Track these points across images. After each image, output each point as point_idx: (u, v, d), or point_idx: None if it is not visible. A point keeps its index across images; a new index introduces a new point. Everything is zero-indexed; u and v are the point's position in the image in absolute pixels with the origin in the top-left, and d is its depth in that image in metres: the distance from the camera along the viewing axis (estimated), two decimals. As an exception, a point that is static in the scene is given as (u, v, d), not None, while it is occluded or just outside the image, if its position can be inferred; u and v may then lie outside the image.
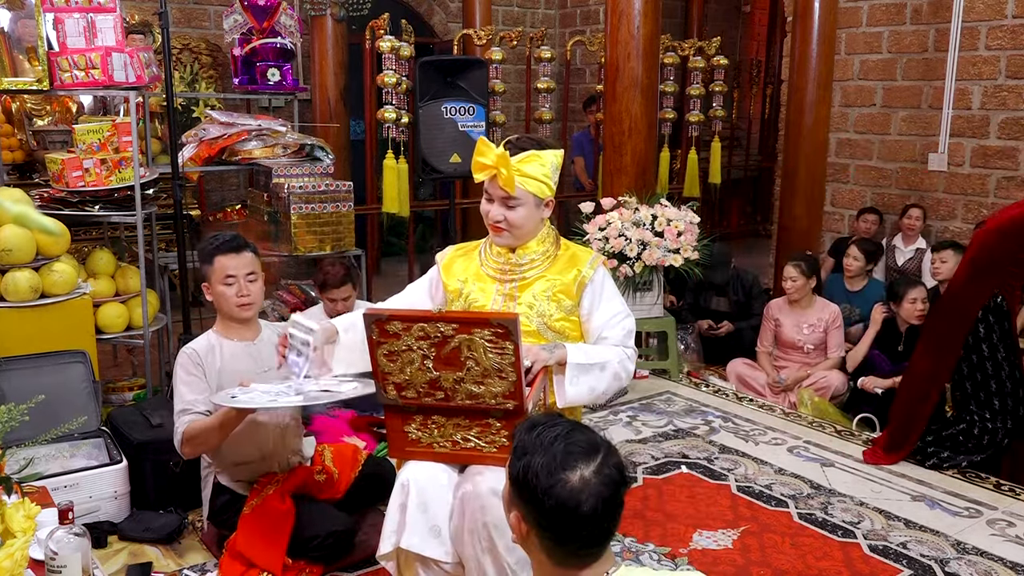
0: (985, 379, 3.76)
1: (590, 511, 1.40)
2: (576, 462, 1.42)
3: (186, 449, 2.77)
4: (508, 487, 1.50)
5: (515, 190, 2.38)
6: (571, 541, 1.44)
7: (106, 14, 3.81)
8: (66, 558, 1.95)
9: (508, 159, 2.37)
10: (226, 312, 2.88)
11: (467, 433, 2.27)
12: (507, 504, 1.52)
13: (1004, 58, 5.61)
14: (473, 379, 2.18)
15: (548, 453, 1.43)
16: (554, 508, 1.41)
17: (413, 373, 2.21)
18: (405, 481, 2.30)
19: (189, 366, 2.81)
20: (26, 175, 5.48)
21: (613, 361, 2.44)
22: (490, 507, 2.19)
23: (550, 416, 1.55)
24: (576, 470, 1.42)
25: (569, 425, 1.50)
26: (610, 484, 1.42)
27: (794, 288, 4.79)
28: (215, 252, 2.85)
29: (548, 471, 1.41)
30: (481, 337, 2.12)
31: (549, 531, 1.44)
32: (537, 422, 1.51)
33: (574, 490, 1.40)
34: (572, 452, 1.44)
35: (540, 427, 1.49)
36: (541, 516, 1.43)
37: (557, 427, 1.48)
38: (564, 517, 1.41)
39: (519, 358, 2.12)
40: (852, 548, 3.15)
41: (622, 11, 4.78)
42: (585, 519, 1.41)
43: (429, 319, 2.16)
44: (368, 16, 5.95)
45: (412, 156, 5.93)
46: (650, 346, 5.26)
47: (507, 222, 2.43)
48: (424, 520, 2.26)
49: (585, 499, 1.40)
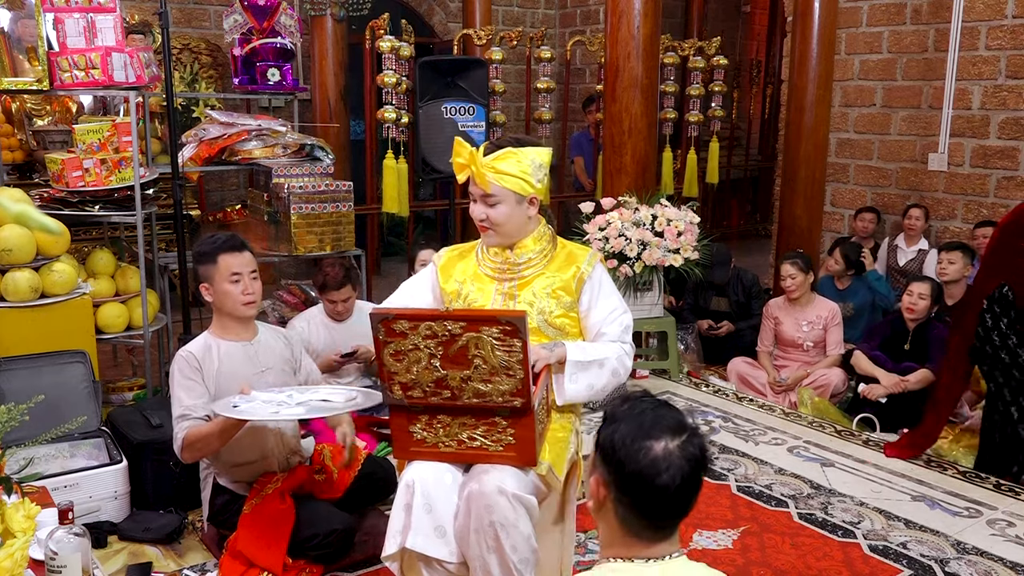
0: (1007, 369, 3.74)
1: (668, 482, 1.43)
2: (662, 433, 1.46)
3: (186, 455, 2.78)
4: (593, 452, 1.53)
5: (490, 187, 2.41)
6: (645, 510, 1.47)
7: (106, 14, 3.81)
8: (66, 558, 1.95)
9: (477, 157, 2.41)
10: (228, 311, 2.87)
11: (473, 432, 2.26)
12: (589, 470, 1.55)
13: (1004, 58, 5.61)
14: (480, 377, 2.17)
15: (636, 421, 1.47)
16: (634, 474, 1.44)
17: (420, 372, 2.20)
18: (410, 481, 2.29)
19: (187, 370, 2.80)
20: (26, 175, 5.47)
21: (611, 358, 2.45)
22: (496, 506, 2.18)
23: (644, 392, 1.58)
24: (661, 440, 1.45)
25: (660, 401, 1.54)
26: (692, 461, 1.45)
27: (794, 285, 4.80)
28: (218, 251, 2.85)
29: (633, 437, 1.45)
30: (489, 335, 2.12)
31: (626, 496, 1.47)
32: (630, 396, 1.55)
33: (656, 459, 1.43)
34: (659, 424, 1.47)
35: (633, 400, 1.53)
36: (620, 481, 1.46)
37: (649, 401, 1.53)
38: (642, 485, 1.44)
39: (527, 355, 2.12)
40: (852, 548, 3.15)
41: (622, 11, 4.78)
42: (662, 490, 1.44)
43: (436, 317, 2.15)
44: (368, 16, 5.94)
45: (412, 156, 5.93)
46: (650, 346, 5.26)
47: (489, 220, 2.45)
48: (429, 520, 2.25)
49: (665, 469, 1.43)
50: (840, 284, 5.43)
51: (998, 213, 5.72)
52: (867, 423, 4.40)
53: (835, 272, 5.41)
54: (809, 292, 4.87)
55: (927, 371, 4.36)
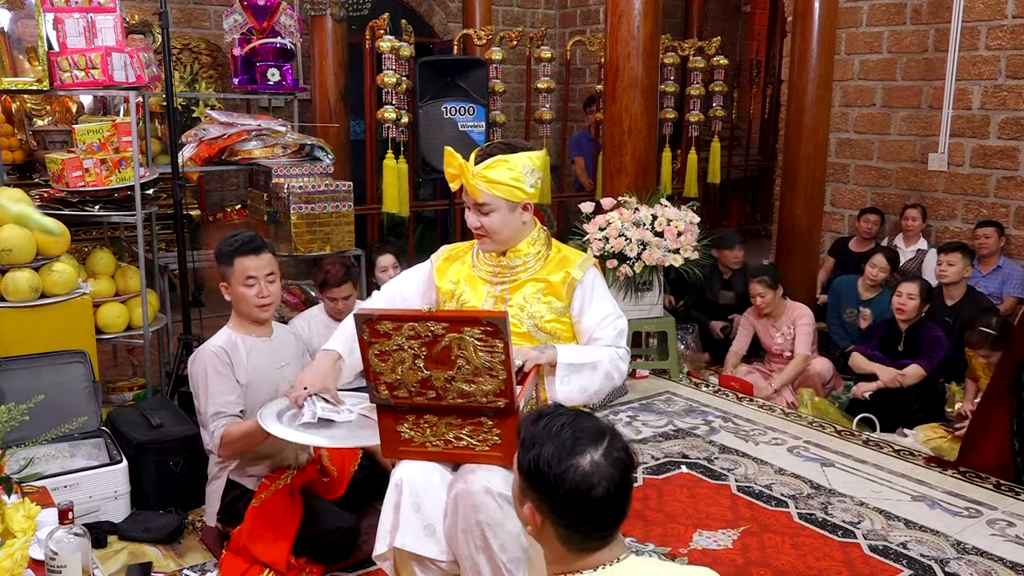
0: None
1: (604, 493, 1.44)
2: (585, 447, 1.46)
3: (224, 452, 2.81)
4: (519, 480, 1.53)
5: (480, 196, 2.43)
6: (585, 524, 1.47)
7: (106, 14, 3.81)
8: (66, 558, 1.95)
9: (467, 168, 2.43)
10: (245, 313, 2.91)
11: (459, 432, 2.27)
12: (518, 498, 1.54)
13: (1004, 58, 5.61)
14: (464, 378, 2.18)
15: (557, 441, 1.47)
16: (568, 493, 1.45)
17: (404, 372, 2.21)
18: (399, 481, 2.31)
19: (219, 365, 2.83)
20: (26, 175, 5.48)
21: (604, 361, 2.45)
22: (483, 506, 2.19)
23: (554, 407, 1.58)
24: (586, 454, 1.46)
25: (573, 413, 1.54)
26: (619, 466, 1.47)
27: (764, 303, 4.84)
28: (235, 253, 2.87)
29: (558, 458, 1.45)
30: (471, 336, 2.12)
31: (564, 517, 1.47)
32: (543, 413, 1.54)
33: (586, 474, 1.44)
34: (580, 438, 1.47)
35: (545, 418, 1.52)
36: (555, 503, 1.46)
37: (562, 416, 1.52)
38: (578, 501, 1.45)
39: (509, 356, 2.13)
40: (852, 548, 3.15)
41: (622, 11, 4.78)
42: (598, 501, 1.45)
43: (419, 318, 2.16)
44: (368, 16, 5.94)
45: (412, 156, 5.93)
46: (650, 346, 5.26)
47: (484, 228, 2.48)
48: (418, 519, 2.27)
49: (597, 482, 1.44)
50: (866, 294, 5.22)
51: (998, 213, 5.72)
52: (867, 423, 4.40)
53: (879, 280, 5.16)
54: (781, 302, 4.88)
55: (917, 366, 4.38)
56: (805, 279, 5.72)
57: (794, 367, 4.75)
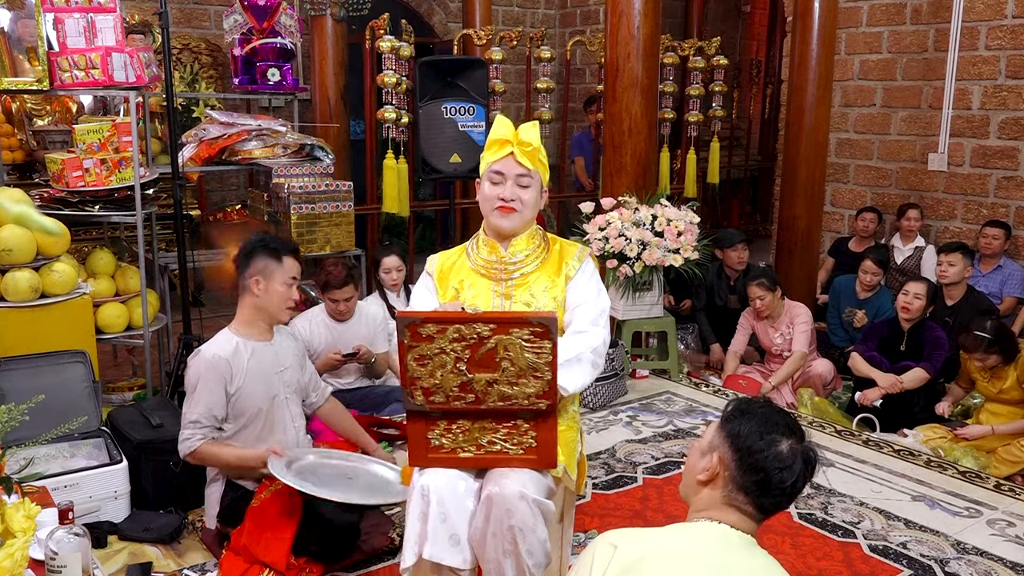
0: None
1: (791, 478, 1.61)
2: (784, 433, 1.64)
3: (191, 461, 2.84)
4: (718, 434, 1.67)
5: (529, 164, 2.44)
6: (755, 495, 1.62)
7: (106, 14, 3.81)
8: (66, 558, 1.95)
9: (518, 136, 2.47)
10: (271, 312, 2.93)
11: (494, 436, 2.24)
12: (706, 448, 1.68)
13: (1004, 58, 5.61)
14: (507, 380, 2.16)
15: (763, 417, 1.66)
16: (762, 462, 1.60)
17: (444, 376, 2.17)
18: (425, 490, 2.25)
19: (214, 374, 2.84)
20: (26, 175, 5.48)
21: (585, 352, 2.44)
22: (516, 510, 2.16)
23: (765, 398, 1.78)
24: (786, 439, 1.63)
25: (774, 406, 1.72)
26: (809, 463, 1.64)
27: (764, 305, 4.83)
28: (286, 251, 2.91)
29: (761, 432, 1.63)
30: (519, 336, 2.10)
31: (743, 478, 1.62)
32: (751, 399, 1.74)
33: (781, 454, 1.61)
34: (782, 423, 1.65)
35: (749, 402, 1.72)
36: (746, 467, 1.61)
37: (764, 404, 1.71)
38: (764, 471, 1.60)
39: (555, 356, 2.12)
40: (852, 548, 3.15)
41: (622, 11, 4.78)
42: (780, 484, 1.60)
43: (465, 320, 2.13)
44: (368, 16, 5.94)
45: (412, 156, 5.93)
46: (650, 346, 5.26)
47: (520, 200, 2.45)
48: (444, 529, 2.23)
49: (788, 465, 1.61)
50: (863, 294, 5.25)
51: (998, 213, 5.72)
52: (867, 423, 4.40)
53: (872, 285, 5.20)
54: (779, 303, 4.89)
55: (921, 370, 4.36)
56: (805, 279, 5.72)
57: (791, 364, 4.75)
